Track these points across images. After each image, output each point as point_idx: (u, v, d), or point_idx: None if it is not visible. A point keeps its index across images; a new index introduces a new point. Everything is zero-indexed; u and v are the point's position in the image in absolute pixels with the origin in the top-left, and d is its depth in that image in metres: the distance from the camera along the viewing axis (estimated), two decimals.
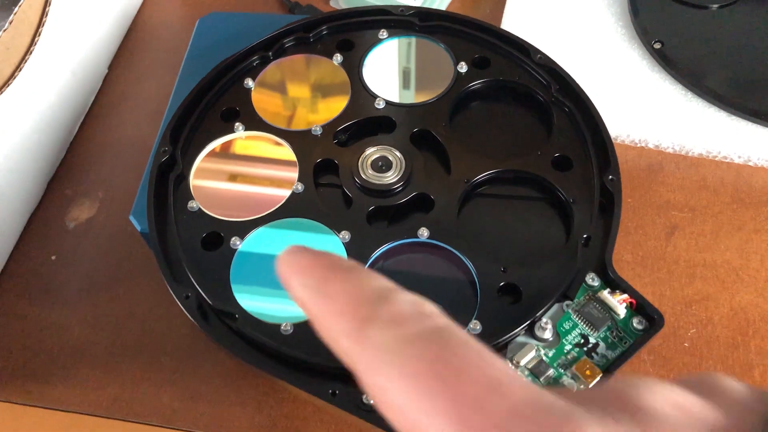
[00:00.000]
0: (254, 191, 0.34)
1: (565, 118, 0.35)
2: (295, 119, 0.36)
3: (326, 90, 0.37)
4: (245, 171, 0.35)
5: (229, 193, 0.34)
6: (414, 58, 0.38)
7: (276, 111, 0.36)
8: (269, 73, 0.38)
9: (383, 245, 0.31)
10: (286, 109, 0.37)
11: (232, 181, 0.34)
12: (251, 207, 0.33)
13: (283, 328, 0.29)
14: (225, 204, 0.33)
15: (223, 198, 0.33)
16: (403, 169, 0.33)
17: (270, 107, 0.36)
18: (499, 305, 0.30)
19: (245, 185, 0.34)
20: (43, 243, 0.42)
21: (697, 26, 0.46)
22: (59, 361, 0.38)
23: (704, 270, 0.38)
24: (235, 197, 0.34)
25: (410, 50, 0.39)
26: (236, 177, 0.34)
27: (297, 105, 0.37)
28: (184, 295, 0.29)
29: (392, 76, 0.38)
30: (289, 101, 0.37)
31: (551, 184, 0.33)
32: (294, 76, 0.38)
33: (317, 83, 0.38)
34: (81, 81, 0.46)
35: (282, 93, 0.37)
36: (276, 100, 0.37)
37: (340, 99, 0.36)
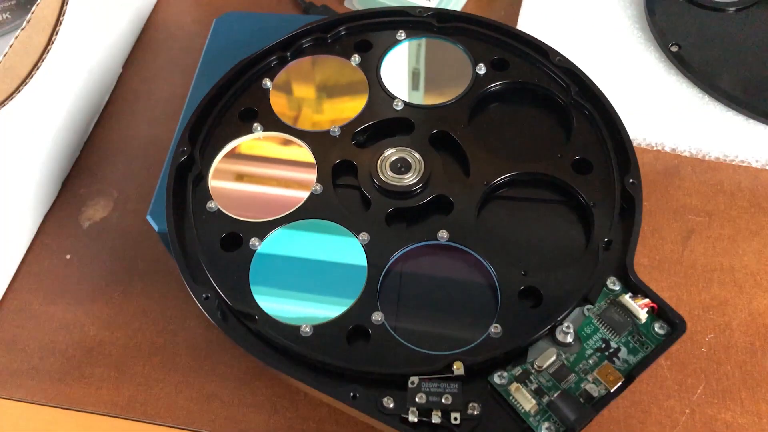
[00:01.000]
0: (273, 192, 0.34)
1: (585, 120, 0.35)
2: (313, 120, 0.36)
3: (344, 91, 0.37)
4: (264, 172, 0.34)
5: (248, 194, 0.34)
6: (432, 60, 0.38)
7: (294, 111, 0.36)
8: (287, 73, 0.38)
9: (402, 247, 0.31)
10: (305, 109, 0.36)
11: (250, 182, 0.34)
12: (270, 208, 0.33)
13: (303, 330, 0.29)
14: (244, 204, 0.33)
15: (241, 198, 0.33)
16: (422, 170, 0.33)
17: (288, 108, 0.36)
18: (519, 309, 0.29)
19: (264, 186, 0.34)
20: (58, 242, 0.42)
21: (714, 29, 0.45)
22: (74, 361, 0.37)
23: (722, 274, 0.38)
24: (254, 198, 0.34)
25: (429, 51, 0.38)
26: (255, 177, 0.34)
27: (315, 105, 0.37)
28: (204, 296, 0.29)
29: (410, 77, 0.38)
30: (307, 102, 0.37)
31: (571, 187, 0.33)
32: (312, 76, 0.38)
33: (335, 84, 0.37)
34: (96, 80, 0.46)
35: (300, 93, 0.37)
36: (294, 101, 0.37)
37: (358, 100, 0.36)
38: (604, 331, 0.29)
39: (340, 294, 0.30)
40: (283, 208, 0.33)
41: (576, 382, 0.28)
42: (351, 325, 0.29)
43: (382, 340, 0.29)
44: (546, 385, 0.27)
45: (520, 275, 0.30)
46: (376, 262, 0.31)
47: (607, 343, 0.29)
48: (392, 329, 0.29)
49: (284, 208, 0.33)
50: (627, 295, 0.29)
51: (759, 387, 0.34)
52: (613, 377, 0.27)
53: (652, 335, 0.29)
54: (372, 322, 0.29)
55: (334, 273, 0.31)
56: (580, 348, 0.28)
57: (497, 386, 0.27)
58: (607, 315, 0.29)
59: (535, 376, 0.28)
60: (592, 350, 0.28)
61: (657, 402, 0.34)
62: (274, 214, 0.32)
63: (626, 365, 0.28)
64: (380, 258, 0.31)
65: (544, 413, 0.27)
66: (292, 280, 0.31)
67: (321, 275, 0.31)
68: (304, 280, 0.31)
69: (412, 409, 0.26)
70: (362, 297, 0.30)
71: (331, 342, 0.29)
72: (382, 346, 0.29)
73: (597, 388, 0.27)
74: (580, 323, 0.29)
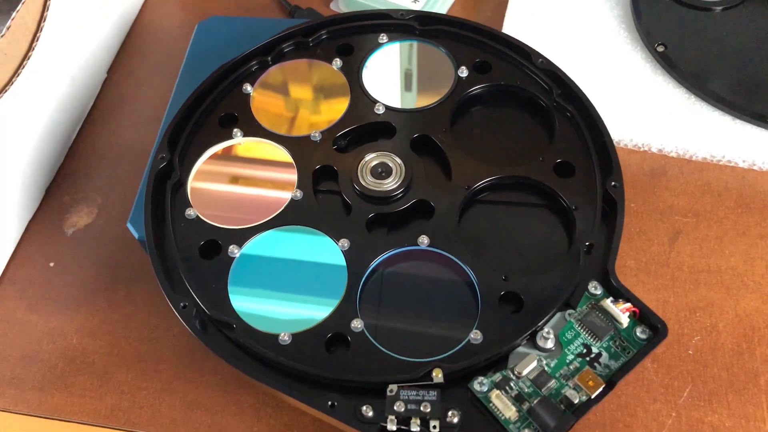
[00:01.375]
0: (252, 198, 0.33)
1: (567, 123, 0.34)
2: (294, 125, 0.36)
3: (325, 95, 0.37)
4: (243, 178, 0.34)
5: (227, 201, 0.33)
6: (414, 63, 0.38)
7: (275, 116, 0.36)
8: (268, 78, 0.37)
9: (383, 253, 0.31)
10: (285, 114, 0.36)
11: (230, 189, 0.34)
12: (249, 214, 0.32)
13: (281, 338, 0.29)
14: (223, 211, 0.33)
15: (220, 205, 0.33)
16: (403, 175, 0.33)
17: (269, 113, 0.36)
18: (500, 314, 0.29)
19: (243, 192, 0.34)
20: (41, 249, 0.42)
21: (700, 29, 0.45)
22: (57, 370, 0.37)
23: (708, 276, 0.38)
24: (233, 204, 0.33)
25: (410, 54, 0.38)
26: (234, 184, 0.34)
27: (296, 110, 0.36)
28: (182, 305, 0.29)
29: (392, 80, 0.37)
30: (288, 106, 0.37)
31: (553, 191, 0.32)
32: (293, 81, 0.37)
33: (316, 88, 0.37)
34: (80, 86, 0.46)
35: (281, 98, 0.37)
36: (275, 106, 0.36)
37: (339, 104, 0.36)
38: (586, 336, 0.28)
39: (320, 301, 0.30)
40: (262, 215, 0.32)
41: (557, 388, 0.27)
42: (330, 332, 0.29)
43: (361, 348, 0.29)
44: (526, 392, 0.27)
45: (501, 280, 0.30)
46: (356, 268, 0.31)
47: (588, 348, 0.28)
48: (372, 336, 0.29)
49: (264, 215, 0.32)
50: (608, 300, 0.29)
51: (746, 389, 0.34)
52: (594, 383, 0.27)
53: (633, 340, 0.28)
54: (351, 330, 0.29)
55: (313, 280, 0.30)
56: (561, 353, 0.28)
57: (477, 393, 0.27)
58: (589, 320, 0.29)
59: (515, 382, 0.28)
60: (573, 356, 0.28)
61: (643, 405, 0.34)
62: (253, 221, 0.32)
63: (607, 370, 0.28)
64: (360, 264, 0.31)
65: (525, 420, 0.27)
66: (271, 287, 0.30)
67: (300, 282, 0.30)
68: (283, 288, 0.30)
69: (390, 418, 0.26)
70: (342, 304, 0.30)
71: (310, 350, 0.29)
72: (362, 353, 0.28)
73: (577, 394, 0.27)
74: (562, 328, 0.29)
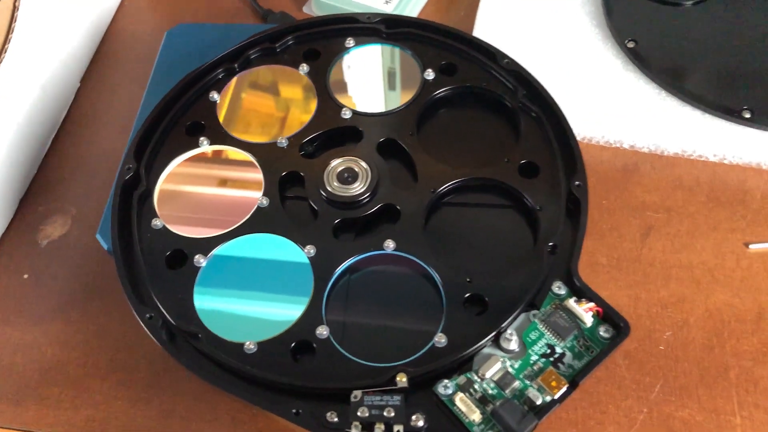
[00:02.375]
0: (219, 207, 0.34)
1: (533, 123, 0.35)
2: (260, 131, 0.36)
3: (292, 101, 0.37)
4: (210, 186, 0.34)
5: (194, 210, 0.33)
6: (381, 66, 0.38)
7: (242, 124, 0.36)
8: (235, 85, 0.37)
9: (349, 258, 0.31)
10: (252, 121, 0.36)
11: (196, 197, 0.34)
12: (216, 223, 0.33)
13: (247, 347, 0.29)
14: (189, 221, 0.33)
15: (187, 215, 0.33)
16: (369, 180, 0.33)
17: (236, 120, 0.36)
18: (465, 316, 0.29)
19: (210, 201, 0.34)
20: (15, 261, 0.42)
21: (670, 24, 0.45)
22: (32, 382, 0.37)
23: (680, 271, 0.38)
24: (200, 214, 0.33)
25: (377, 58, 0.38)
26: (201, 193, 0.34)
27: (263, 117, 0.36)
28: (147, 316, 0.29)
29: (359, 84, 0.37)
30: (254, 113, 0.37)
31: (518, 192, 0.32)
32: (260, 87, 0.37)
33: (283, 94, 0.37)
34: (51, 96, 0.46)
35: (248, 105, 0.37)
36: (241, 113, 0.36)
37: (306, 109, 0.36)
38: (550, 337, 0.29)
39: (286, 309, 0.30)
40: (228, 224, 0.32)
41: (521, 389, 0.28)
42: (296, 340, 0.29)
43: (327, 355, 0.29)
44: (490, 393, 0.27)
45: (465, 282, 0.30)
46: (321, 275, 0.31)
47: (552, 348, 0.28)
48: (338, 343, 0.29)
49: (230, 224, 0.32)
50: (572, 300, 0.29)
51: (716, 383, 0.34)
52: (557, 383, 0.27)
53: (597, 339, 0.28)
54: (317, 337, 0.29)
55: (279, 288, 0.31)
56: (526, 354, 0.28)
57: (442, 396, 0.27)
58: (552, 320, 0.29)
59: (479, 384, 0.28)
60: (538, 356, 0.28)
61: (615, 402, 0.34)
62: (219, 230, 0.32)
63: (571, 370, 0.28)
64: (326, 271, 0.31)
65: (488, 422, 0.27)
66: (237, 296, 0.31)
67: (266, 291, 0.31)
68: (249, 296, 0.30)
69: (355, 424, 0.26)
70: (307, 311, 0.30)
71: (276, 358, 0.29)
72: (328, 360, 0.29)
73: (540, 395, 0.27)
74: (526, 329, 0.29)
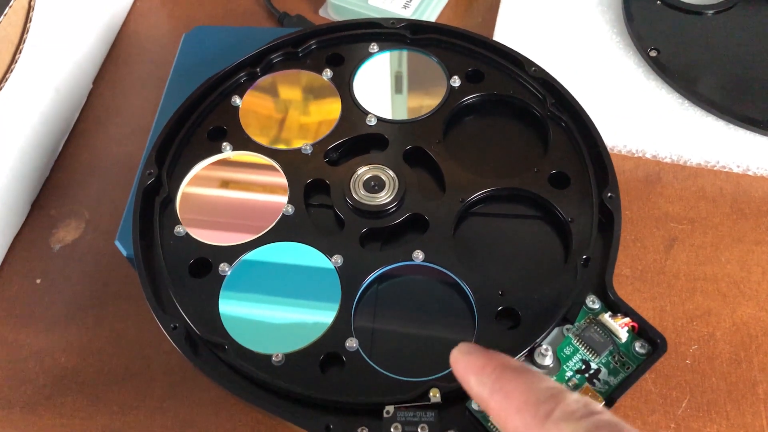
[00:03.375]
0: (243, 214, 0.33)
1: (562, 132, 0.34)
2: (284, 138, 0.35)
3: (316, 107, 0.36)
4: (233, 193, 0.34)
5: (217, 217, 0.33)
6: (406, 73, 0.38)
7: (264, 129, 0.35)
8: (257, 90, 0.37)
9: (377, 269, 0.30)
10: (275, 127, 0.36)
11: (219, 204, 0.33)
12: (240, 231, 0.32)
13: (275, 359, 0.28)
14: (213, 228, 0.32)
15: (210, 222, 0.32)
16: (396, 188, 0.32)
17: (258, 125, 0.35)
18: (497, 330, 0.29)
19: (233, 208, 0.33)
20: (28, 266, 0.41)
21: (692, 33, 0.45)
22: (45, 390, 0.36)
23: (705, 284, 0.38)
24: (224, 220, 0.33)
25: (402, 64, 0.38)
26: (224, 199, 0.33)
27: (286, 123, 0.36)
28: (172, 326, 0.29)
29: (384, 91, 0.37)
30: (278, 119, 0.36)
31: (548, 203, 0.32)
32: (283, 92, 0.37)
33: (307, 100, 0.37)
34: (65, 98, 0.45)
35: (271, 111, 0.36)
36: (264, 118, 0.36)
37: (330, 116, 0.35)
38: (584, 352, 0.28)
39: (314, 319, 0.29)
40: (253, 231, 0.32)
41: None
42: (324, 352, 0.28)
43: (356, 368, 0.28)
44: None
45: (497, 296, 0.29)
46: (349, 285, 0.30)
47: (587, 364, 0.28)
48: (367, 355, 0.28)
49: (255, 231, 0.32)
50: (607, 314, 0.28)
51: (744, 398, 0.34)
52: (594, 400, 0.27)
53: (633, 355, 0.28)
54: (346, 349, 0.28)
55: (306, 298, 0.30)
56: (560, 370, 0.28)
57: (475, 412, 0.27)
58: (587, 335, 0.28)
59: None
60: (572, 372, 0.28)
61: (641, 417, 0.34)
62: (244, 238, 0.31)
63: (607, 387, 0.27)
64: (354, 281, 0.30)
65: None
66: (263, 306, 0.30)
67: (293, 300, 0.30)
68: (275, 306, 0.30)
69: None
70: (336, 322, 0.29)
71: (304, 371, 0.28)
72: (357, 373, 0.28)
73: None
74: (560, 344, 0.28)
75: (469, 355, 0.21)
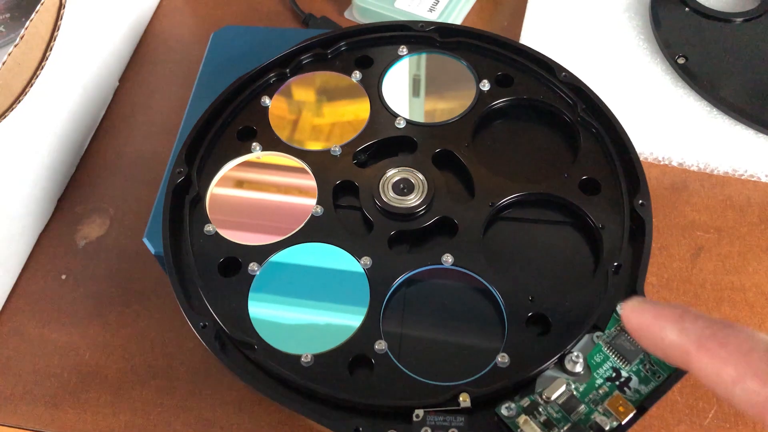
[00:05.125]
0: (272, 214, 0.33)
1: (592, 138, 0.34)
2: (312, 138, 0.35)
3: (345, 108, 0.36)
4: (262, 193, 0.34)
5: (247, 216, 0.33)
6: (435, 76, 0.37)
7: (293, 130, 0.35)
8: (286, 90, 0.37)
9: (406, 272, 0.30)
10: (304, 127, 0.36)
11: (249, 204, 0.33)
12: (269, 230, 0.32)
13: (304, 360, 0.28)
14: (242, 227, 0.32)
15: (240, 221, 0.32)
16: (425, 191, 0.32)
17: (287, 126, 0.35)
18: (527, 336, 0.29)
19: (263, 207, 0.33)
20: (53, 262, 0.41)
21: (721, 40, 0.44)
22: (70, 386, 0.37)
23: (732, 293, 0.37)
24: (253, 220, 0.33)
25: (431, 67, 0.38)
26: (253, 199, 0.33)
27: (315, 124, 0.36)
28: (201, 325, 0.29)
29: (413, 93, 0.37)
30: (307, 120, 0.36)
31: (579, 209, 0.32)
32: (312, 93, 0.37)
33: (336, 101, 0.37)
34: (92, 95, 0.45)
35: (300, 111, 0.36)
36: (293, 119, 0.36)
37: (359, 118, 0.35)
38: (615, 360, 0.28)
39: (343, 321, 0.29)
40: (283, 231, 0.32)
41: (586, 413, 0.27)
42: (354, 354, 0.28)
43: (385, 370, 0.28)
44: (555, 417, 0.27)
45: (527, 301, 0.29)
46: (378, 287, 0.30)
47: (617, 372, 0.28)
48: (395, 358, 0.28)
49: (284, 231, 0.32)
50: None
51: None
52: (624, 408, 0.26)
53: (663, 364, 0.28)
54: (375, 351, 0.28)
55: (335, 299, 0.30)
56: (590, 377, 0.28)
57: (505, 418, 0.27)
58: (618, 342, 0.28)
59: (543, 407, 0.27)
60: (603, 380, 0.28)
61: (667, 427, 0.33)
62: (273, 238, 0.31)
63: (638, 395, 0.27)
64: (383, 283, 0.30)
65: None
66: (292, 306, 0.30)
67: (322, 301, 0.30)
68: (305, 307, 0.30)
69: None
70: (364, 324, 0.29)
71: (333, 372, 0.28)
72: (386, 376, 0.28)
73: (608, 420, 0.26)
74: (590, 351, 0.28)
75: (655, 305, 0.20)
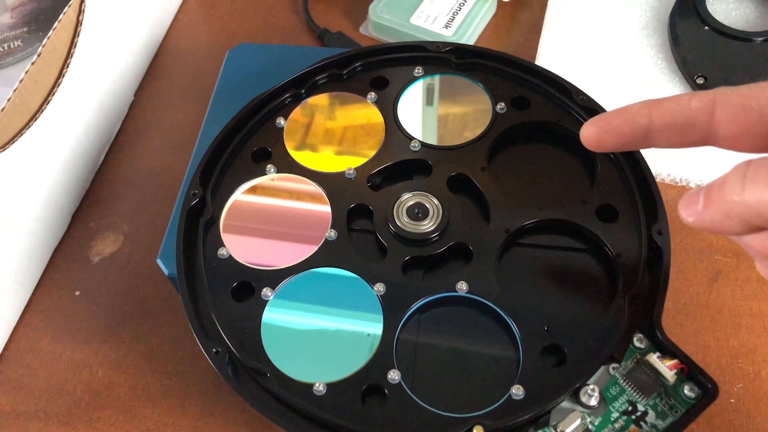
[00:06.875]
0: (286, 237, 0.33)
1: (609, 164, 0.33)
2: (328, 161, 0.35)
3: (360, 130, 0.36)
4: (277, 216, 0.33)
5: (260, 240, 0.33)
6: (451, 98, 0.37)
7: (308, 152, 0.35)
8: (302, 111, 0.37)
9: (420, 299, 0.30)
10: (319, 150, 0.35)
11: (263, 227, 0.33)
12: (283, 255, 0.32)
13: (316, 388, 0.28)
14: (256, 251, 0.32)
15: (253, 245, 0.32)
16: (440, 217, 0.32)
17: (302, 148, 0.35)
18: (542, 367, 0.28)
19: (277, 231, 0.33)
20: (67, 278, 0.41)
21: (740, 60, 0.44)
22: (82, 403, 0.37)
23: (750, 319, 0.37)
24: (266, 244, 0.33)
25: (447, 89, 0.37)
26: (268, 222, 0.33)
27: (330, 146, 0.36)
28: (214, 351, 0.28)
29: (428, 116, 0.37)
30: (322, 142, 0.36)
31: (596, 236, 0.31)
32: (327, 115, 0.37)
33: (351, 123, 0.36)
34: (107, 111, 0.45)
35: (315, 133, 0.36)
36: (308, 141, 0.36)
37: (374, 140, 0.35)
38: (631, 393, 0.27)
39: (356, 350, 0.29)
40: (296, 255, 0.32)
41: None
42: (366, 383, 0.28)
43: (398, 401, 0.28)
44: None
45: (542, 331, 0.29)
46: (392, 315, 0.30)
47: (633, 405, 0.27)
48: (408, 388, 0.28)
49: (298, 256, 0.32)
50: (655, 355, 0.28)
51: None
52: None
53: (681, 398, 0.27)
54: (388, 381, 0.28)
55: (349, 327, 0.30)
56: (606, 411, 0.27)
57: None
58: (634, 375, 0.28)
59: None
60: (618, 413, 0.27)
61: None
62: (287, 262, 0.31)
63: (654, 430, 0.27)
64: (397, 311, 0.30)
65: None
66: (305, 333, 0.30)
67: (336, 329, 0.30)
68: (318, 334, 0.30)
69: None
70: (378, 353, 0.29)
71: (346, 402, 0.28)
72: (399, 406, 0.28)
73: None
74: (606, 383, 0.28)
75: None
